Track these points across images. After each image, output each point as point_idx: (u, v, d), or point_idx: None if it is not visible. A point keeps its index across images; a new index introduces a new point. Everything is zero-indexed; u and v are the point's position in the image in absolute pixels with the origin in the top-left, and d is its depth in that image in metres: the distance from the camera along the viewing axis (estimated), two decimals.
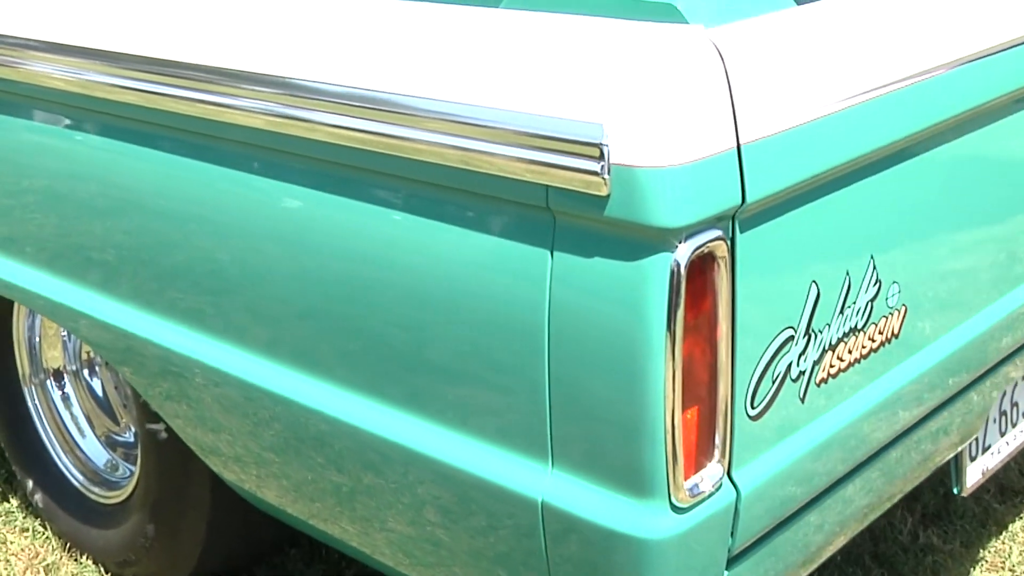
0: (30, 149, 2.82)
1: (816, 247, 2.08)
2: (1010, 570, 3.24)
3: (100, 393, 3.45)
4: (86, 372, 3.45)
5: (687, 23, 1.86)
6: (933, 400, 2.47)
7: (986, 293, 2.56)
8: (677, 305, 1.82)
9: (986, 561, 3.28)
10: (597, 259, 1.85)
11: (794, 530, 2.22)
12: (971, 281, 2.51)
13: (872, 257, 2.18)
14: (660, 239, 1.80)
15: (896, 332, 2.30)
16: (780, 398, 2.08)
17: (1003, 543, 3.36)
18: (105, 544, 3.23)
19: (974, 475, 2.81)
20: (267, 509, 2.71)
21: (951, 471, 2.78)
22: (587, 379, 1.91)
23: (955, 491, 2.81)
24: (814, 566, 2.38)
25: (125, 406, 3.41)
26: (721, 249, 1.86)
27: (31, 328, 3.37)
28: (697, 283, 1.85)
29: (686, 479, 1.94)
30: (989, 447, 2.85)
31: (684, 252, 1.81)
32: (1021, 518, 3.46)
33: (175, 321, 2.57)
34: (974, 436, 2.75)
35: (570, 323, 1.90)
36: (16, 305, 3.30)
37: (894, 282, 2.24)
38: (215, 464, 2.71)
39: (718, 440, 1.97)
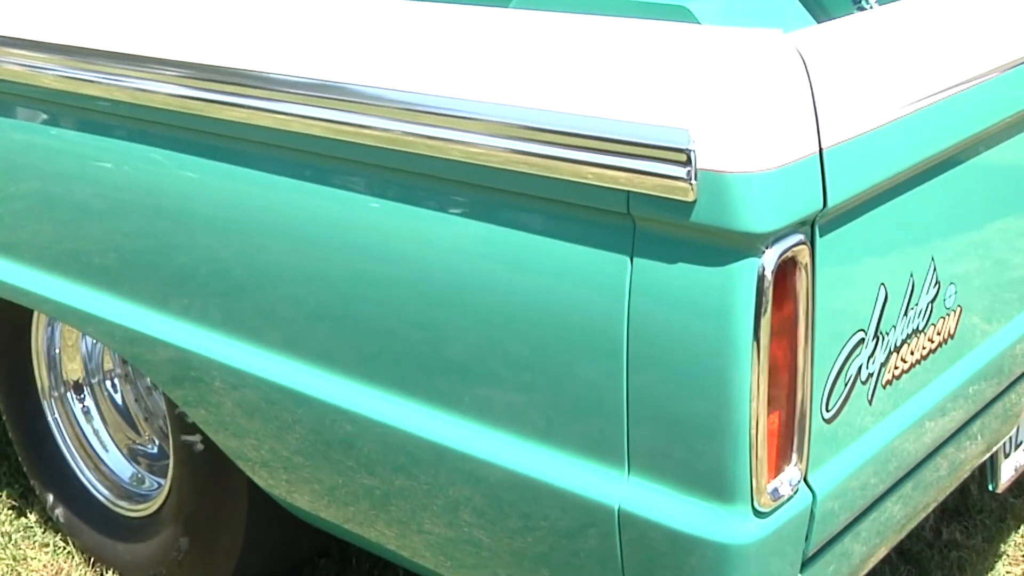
0: (56, 158, 2.81)
1: (884, 250, 2.09)
2: None
3: (122, 405, 3.40)
4: (108, 384, 3.40)
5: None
6: (982, 400, 2.48)
7: None
8: (763, 310, 1.82)
9: (1007, 555, 3.32)
10: (680, 265, 1.85)
11: (861, 530, 2.23)
12: (1016, 281, 2.51)
13: (933, 258, 2.20)
14: (747, 244, 1.80)
15: (952, 332, 2.31)
16: (851, 401, 2.09)
17: (1022, 536, 3.38)
18: (133, 558, 3.20)
19: (1008, 472, 2.83)
20: (325, 522, 2.68)
21: (987, 469, 2.79)
22: (667, 386, 1.91)
23: (990, 488, 2.83)
24: (874, 563, 2.38)
25: (147, 419, 3.39)
26: (803, 254, 1.86)
27: (50, 340, 3.33)
28: (781, 288, 1.84)
29: (767, 483, 1.93)
30: (1021, 444, 2.86)
31: (771, 257, 1.80)
32: None
33: (218, 331, 2.55)
34: (1009, 434, 2.76)
35: (650, 329, 1.89)
36: (35, 317, 3.26)
37: (951, 283, 2.26)
38: (266, 480, 2.69)
39: (796, 444, 1.98)
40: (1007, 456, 2.82)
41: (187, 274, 2.57)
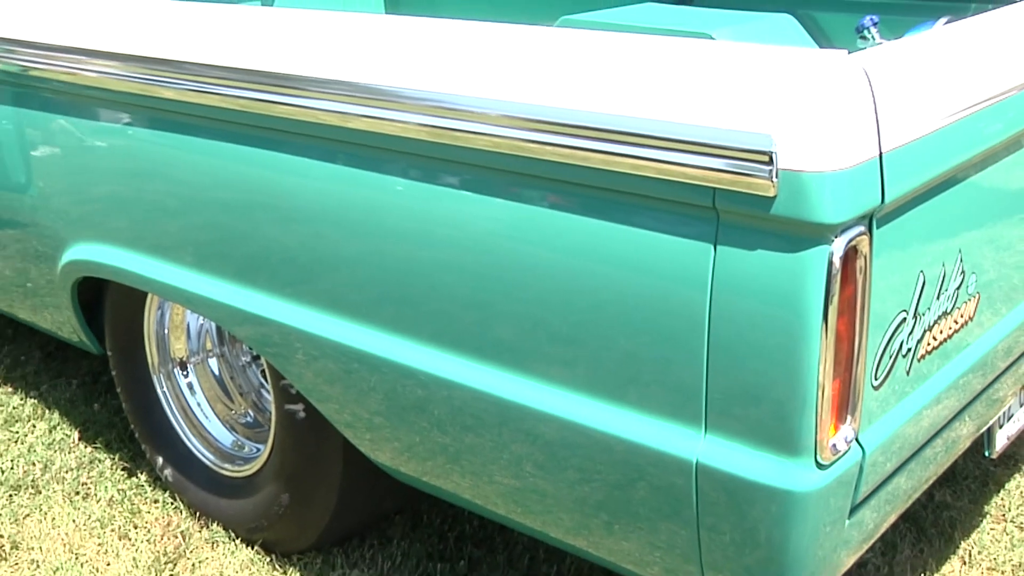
0: (177, 164, 2.84)
1: (924, 242, 2.15)
2: (1011, 521, 3.32)
3: (220, 380, 3.44)
4: (210, 361, 3.43)
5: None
6: (991, 375, 2.54)
7: None
8: (832, 291, 1.88)
9: (990, 515, 3.35)
10: (759, 251, 1.91)
11: (897, 481, 2.29)
12: (1022, 272, 2.57)
13: (960, 251, 2.25)
14: (819, 234, 1.86)
15: (972, 316, 2.37)
16: (894, 371, 2.15)
17: (1002, 499, 3.43)
18: (236, 513, 3.24)
19: (1001, 440, 2.88)
20: (420, 477, 2.71)
21: (984, 438, 2.84)
22: (744, 356, 1.96)
23: (986, 454, 2.88)
24: (904, 509, 2.45)
25: (242, 393, 3.42)
26: (864, 243, 1.92)
27: (160, 321, 3.37)
28: (845, 273, 1.90)
29: (829, 440, 2.00)
30: (1012, 416, 2.91)
31: (839, 245, 1.87)
32: (1014, 478, 3.53)
33: (325, 311, 2.59)
34: (1006, 407, 2.82)
35: (729, 307, 1.95)
36: (148, 300, 3.29)
37: (973, 273, 2.31)
38: (364, 441, 2.73)
39: (851, 407, 2.03)
40: (1001, 427, 2.87)
41: (295, 263, 2.62)
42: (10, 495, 3.53)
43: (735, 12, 3.58)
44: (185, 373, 3.43)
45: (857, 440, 2.08)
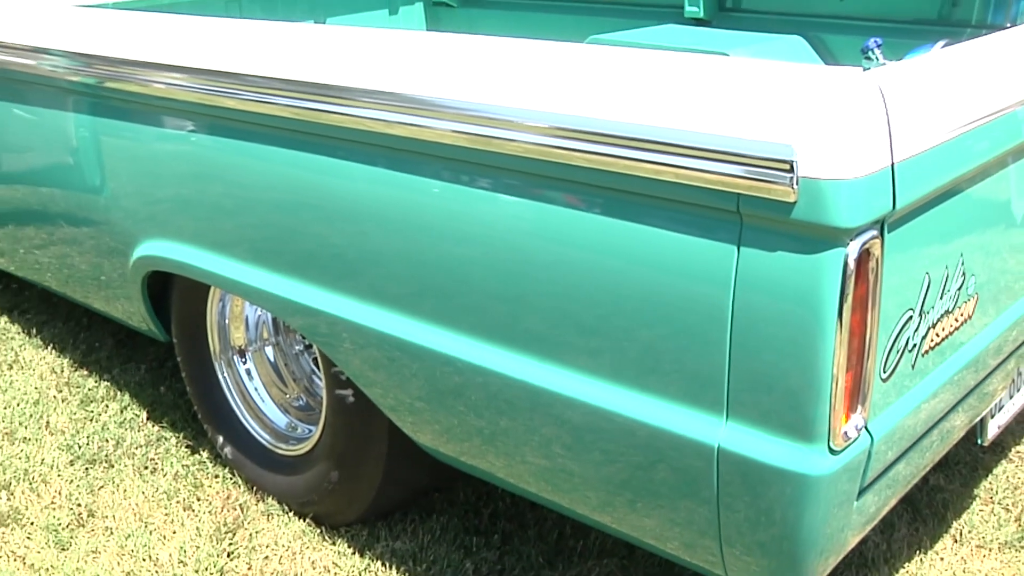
0: (238, 168, 2.83)
1: (929, 246, 2.12)
2: (998, 503, 3.29)
3: (275, 367, 3.42)
4: (266, 350, 3.42)
5: None
6: (985, 371, 2.51)
7: None
8: (847, 291, 1.86)
9: (980, 497, 3.33)
10: (779, 252, 1.88)
11: (899, 467, 2.26)
12: (1016, 274, 2.53)
13: (961, 254, 2.22)
14: (835, 237, 1.83)
15: (970, 315, 2.33)
16: (900, 365, 2.12)
17: (990, 483, 3.40)
18: (289, 488, 3.22)
19: (993, 429, 2.85)
20: (458, 457, 2.69)
21: (977, 428, 2.80)
22: (764, 349, 1.94)
23: (979, 442, 2.84)
24: (906, 492, 2.41)
25: (295, 379, 3.41)
26: (876, 247, 1.90)
27: (221, 312, 3.36)
28: (859, 273, 1.88)
29: (841, 428, 1.97)
30: (1002, 407, 2.88)
31: (854, 248, 1.84)
32: (1001, 464, 3.50)
33: (371, 303, 2.58)
34: (997, 399, 2.79)
35: (751, 303, 1.93)
36: (210, 293, 3.28)
37: (972, 275, 2.28)
38: (406, 423, 2.71)
39: (862, 398, 2.00)
40: (992, 417, 2.84)
41: (343, 259, 2.61)
42: (87, 468, 3.53)
43: (750, 33, 3.57)
44: (244, 360, 3.41)
45: (866, 428, 2.05)
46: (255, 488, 3.36)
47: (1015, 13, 3.49)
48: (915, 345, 2.14)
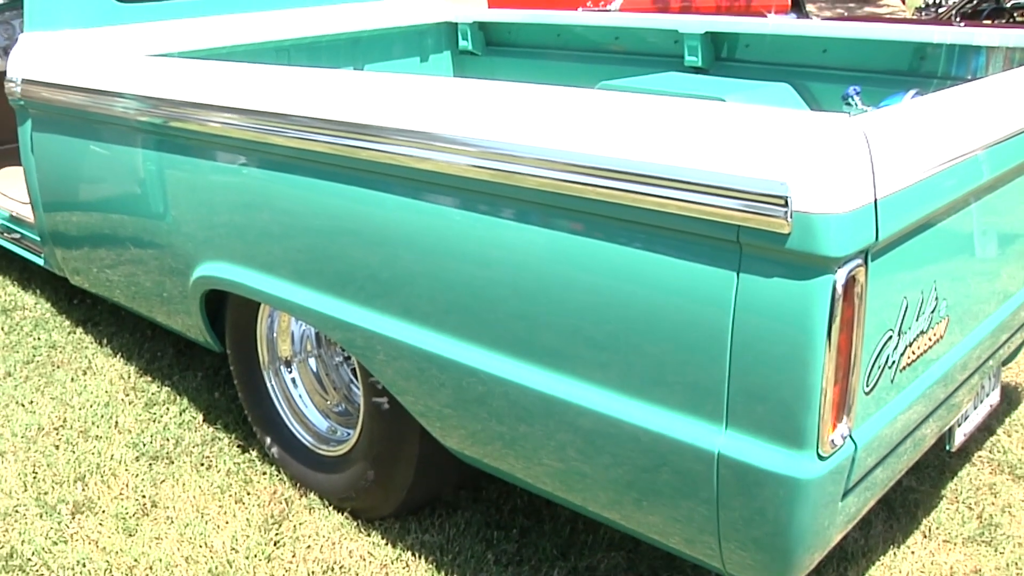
0: (286, 197, 2.80)
1: (907, 273, 2.09)
2: (962, 502, 3.25)
3: (317, 376, 3.40)
4: (309, 361, 3.39)
5: None
6: (953, 385, 2.47)
7: (989, 305, 2.56)
8: (835, 313, 1.84)
9: (947, 497, 3.29)
10: (775, 279, 1.86)
11: (879, 471, 2.23)
12: (981, 298, 2.50)
13: (935, 281, 2.19)
14: (825, 265, 1.81)
15: (942, 335, 2.30)
16: (881, 379, 2.09)
17: (955, 485, 3.36)
18: (330, 485, 3.19)
19: (960, 437, 2.82)
20: (481, 459, 2.65)
21: (946, 436, 2.78)
22: (761, 364, 1.91)
23: (947, 448, 2.81)
24: (883, 493, 2.37)
25: (335, 387, 3.38)
26: (861, 274, 1.87)
27: (269, 327, 3.33)
28: (846, 298, 1.85)
29: (828, 436, 1.94)
30: (968, 416, 2.85)
31: (842, 275, 1.82)
32: (965, 467, 3.46)
33: (403, 319, 2.55)
34: (963, 411, 2.75)
35: (749, 324, 1.90)
36: (260, 308, 3.26)
37: (944, 299, 2.25)
38: (436, 428, 2.68)
39: (847, 409, 1.97)
40: (959, 426, 2.81)
41: (377, 279, 2.57)
42: (150, 464, 3.51)
43: (743, 81, 3.55)
44: (289, 370, 3.38)
45: (851, 437, 2.02)
46: (299, 484, 3.33)
47: (975, 67, 3.50)
48: (894, 362, 2.11)
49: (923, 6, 13.05)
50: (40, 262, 4.38)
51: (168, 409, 3.91)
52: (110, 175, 3.53)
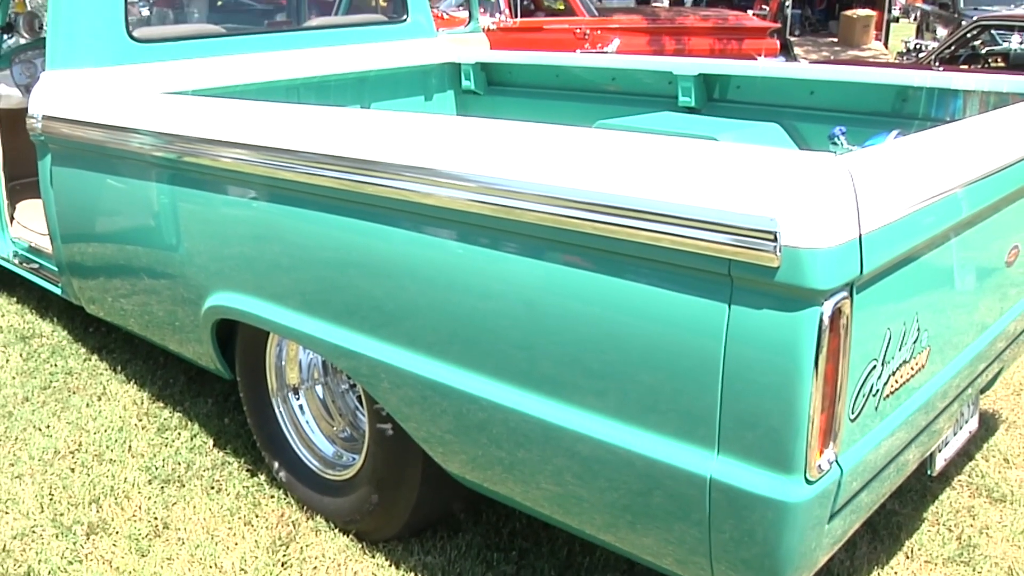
0: (296, 232, 2.81)
1: (890, 306, 2.10)
2: (943, 524, 3.26)
3: (324, 403, 3.40)
4: (316, 388, 3.40)
5: None
6: (936, 410, 2.48)
7: (968, 336, 2.57)
8: (822, 343, 1.85)
9: (928, 519, 3.29)
10: (765, 310, 1.87)
11: (864, 494, 2.23)
12: (960, 329, 2.51)
13: (916, 313, 2.20)
14: (812, 297, 1.82)
15: (924, 364, 2.31)
16: (866, 407, 2.09)
17: (936, 508, 3.36)
18: (336, 508, 3.18)
19: (940, 462, 2.82)
20: (482, 483, 2.64)
21: (927, 461, 2.77)
22: (751, 393, 1.92)
23: (928, 472, 2.81)
24: (867, 516, 2.37)
25: (341, 414, 3.38)
26: (846, 306, 1.88)
27: (278, 355, 3.34)
28: (832, 329, 1.86)
29: (816, 461, 1.94)
30: (948, 442, 2.85)
31: (828, 307, 1.83)
32: (945, 491, 3.46)
33: (406, 348, 2.55)
34: (943, 437, 2.75)
35: (740, 353, 1.91)
36: (270, 338, 3.26)
37: (925, 330, 2.26)
38: (437, 453, 2.67)
39: (834, 435, 1.98)
40: (940, 451, 2.81)
41: (382, 310, 2.58)
42: (162, 487, 3.50)
43: (735, 120, 3.57)
44: (297, 396, 3.39)
45: (837, 462, 2.02)
46: (306, 508, 3.32)
47: (953, 109, 3.53)
48: (878, 390, 2.12)
49: (905, 51, 13.14)
50: (57, 291, 4.39)
51: (180, 434, 3.90)
52: (126, 208, 3.55)
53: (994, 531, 3.23)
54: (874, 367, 2.08)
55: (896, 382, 2.20)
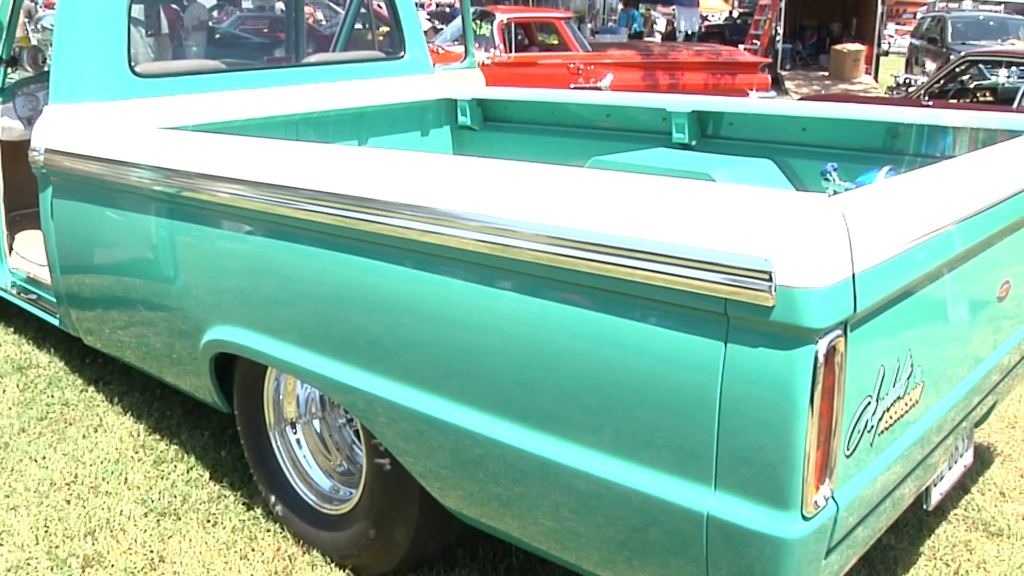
0: (289, 267, 2.82)
1: (884, 342, 2.10)
2: (939, 559, 3.25)
3: (321, 437, 3.39)
4: (314, 422, 3.39)
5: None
6: (931, 445, 2.48)
7: (962, 370, 2.58)
8: (817, 381, 1.85)
9: (924, 554, 3.28)
10: (760, 348, 1.88)
11: (860, 529, 2.22)
12: (954, 364, 2.52)
13: (910, 349, 2.20)
14: (807, 336, 1.83)
15: (918, 399, 2.31)
16: (861, 443, 2.10)
17: (932, 542, 3.35)
18: (333, 542, 3.17)
19: (936, 496, 2.82)
20: (479, 518, 2.64)
21: (923, 495, 2.77)
22: (748, 430, 1.92)
23: (924, 507, 2.81)
24: (864, 551, 2.36)
25: (338, 448, 3.37)
26: (841, 344, 1.89)
27: (276, 389, 3.33)
28: (827, 366, 1.87)
29: (812, 497, 1.95)
30: (943, 476, 2.85)
31: (823, 345, 1.84)
32: (942, 525, 3.46)
33: (403, 384, 2.55)
34: (939, 471, 2.75)
35: (737, 391, 1.92)
36: (267, 371, 3.25)
37: (919, 366, 2.26)
38: (435, 488, 2.67)
39: (830, 471, 1.98)
40: (935, 485, 2.81)
41: (379, 345, 2.59)
42: (158, 520, 3.48)
43: (727, 157, 3.60)
44: (294, 430, 3.38)
45: (833, 498, 2.02)
46: (302, 542, 3.31)
47: (943, 146, 3.56)
48: (873, 426, 2.12)
49: (895, 85, 13.22)
50: (55, 322, 4.38)
51: (176, 467, 3.89)
52: (125, 241, 3.56)
53: (991, 565, 3.23)
54: (869, 403, 2.08)
55: (891, 417, 2.20)
